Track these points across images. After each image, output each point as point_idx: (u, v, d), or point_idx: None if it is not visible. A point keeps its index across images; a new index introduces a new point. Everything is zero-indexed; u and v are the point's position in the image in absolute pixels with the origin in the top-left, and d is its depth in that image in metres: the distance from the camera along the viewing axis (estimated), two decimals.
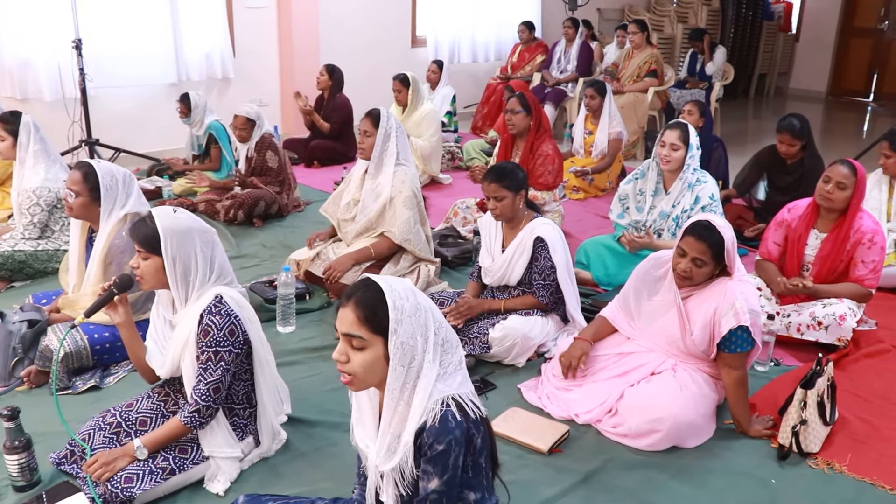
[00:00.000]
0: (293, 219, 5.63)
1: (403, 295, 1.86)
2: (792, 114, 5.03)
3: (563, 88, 8.63)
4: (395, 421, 1.90)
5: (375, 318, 1.83)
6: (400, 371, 1.85)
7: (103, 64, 6.70)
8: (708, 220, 2.87)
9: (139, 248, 2.54)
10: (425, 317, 1.88)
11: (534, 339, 3.49)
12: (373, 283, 1.89)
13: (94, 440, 2.64)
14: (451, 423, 1.84)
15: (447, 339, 1.93)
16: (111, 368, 3.39)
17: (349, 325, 1.86)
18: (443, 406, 1.85)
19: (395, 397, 1.87)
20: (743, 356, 2.90)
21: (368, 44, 8.64)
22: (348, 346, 1.88)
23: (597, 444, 2.95)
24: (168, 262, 2.49)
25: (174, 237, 2.50)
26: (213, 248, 2.60)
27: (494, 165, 3.60)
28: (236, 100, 7.51)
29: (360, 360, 1.86)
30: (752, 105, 12.19)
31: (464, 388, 1.94)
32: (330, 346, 3.66)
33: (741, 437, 3.00)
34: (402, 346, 1.83)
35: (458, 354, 1.96)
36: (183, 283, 2.53)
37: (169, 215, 2.55)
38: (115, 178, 3.34)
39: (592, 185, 6.32)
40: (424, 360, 1.87)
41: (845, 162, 3.69)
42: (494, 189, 3.45)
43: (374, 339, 1.85)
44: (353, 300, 1.87)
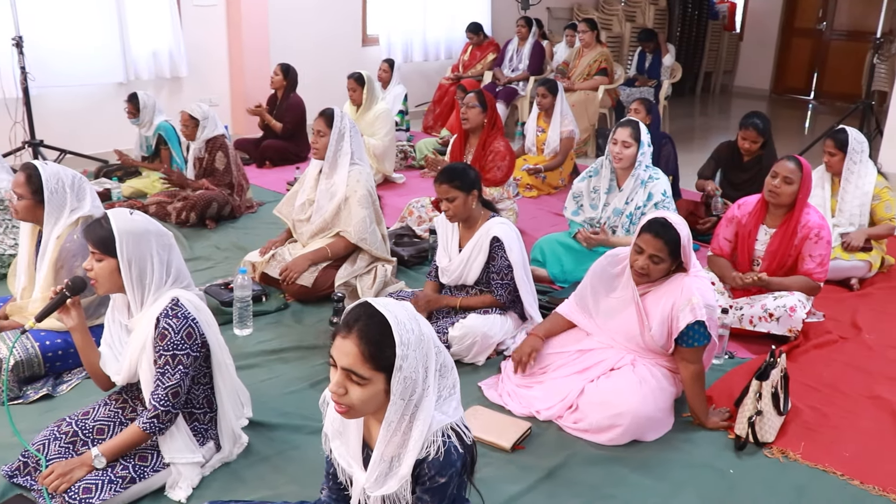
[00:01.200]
0: (246, 220, 5.56)
1: (409, 327, 1.77)
2: (754, 112, 5.13)
3: (515, 87, 8.66)
4: (389, 450, 1.86)
5: (381, 356, 1.74)
6: (400, 404, 1.79)
7: (47, 62, 6.51)
8: (664, 217, 2.92)
9: (93, 250, 2.49)
10: (427, 346, 1.81)
11: (493, 337, 3.50)
12: (376, 312, 1.77)
13: (50, 450, 2.57)
14: (454, 456, 1.83)
15: (445, 363, 1.88)
16: (64, 376, 3.31)
17: (351, 361, 1.75)
18: (445, 438, 1.82)
19: (392, 429, 1.82)
20: (699, 350, 2.95)
21: (319, 42, 8.57)
22: (347, 379, 1.77)
23: (559, 440, 2.97)
24: (123, 263, 2.45)
25: (130, 239, 2.46)
26: (169, 251, 2.56)
27: (445, 167, 3.60)
28: (186, 99, 7.37)
29: (360, 394, 1.77)
30: (699, 102, 12.39)
31: (458, 414, 1.90)
32: (288, 348, 3.64)
33: (699, 429, 3.06)
34: (404, 381, 1.76)
35: (452, 377, 1.91)
36: (139, 285, 2.49)
37: (125, 217, 2.50)
38: (62, 181, 3.25)
39: (545, 183, 6.36)
40: (426, 389, 1.81)
41: (792, 158, 3.78)
42: (445, 190, 3.46)
43: (375, 375, 1.76)
44: (355, 332, 1.75)
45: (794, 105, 12.25)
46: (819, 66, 12.41)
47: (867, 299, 4.40)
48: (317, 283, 3.99)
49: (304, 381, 3.34)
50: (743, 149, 5.11)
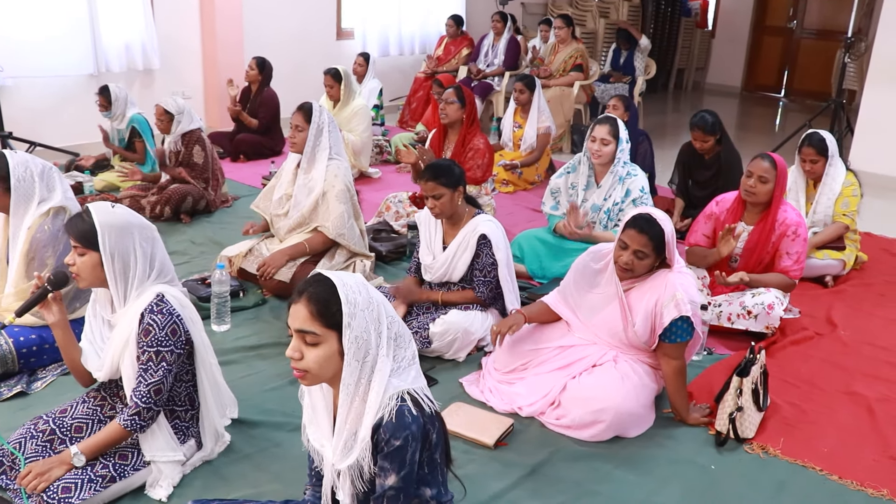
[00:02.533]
0: (221, 214, 5.50)
1: (355, 289, 1.85)
2: (703, 110, 5.18)
3: (490, 82, 8.66)
4: (350, 418, 1.88)
5: (328, 313, 1.82)
6: (355, 366, 1.83)
7: (15, 53, 6.38)
8: (649, 213, 2.93)
9: (75, 244, 2.44)
10: (378, 311, 1.87)
11: (474, 333, 3.50)
12: (324, 278, 1.87)
13: (26, 449, 2.52)
14: (408, 418, 1.83)
15: (400, 333, 1.92)
16: (38, 373, 3.26)
17: (302, 320, 1.83)
18: (398, 401, 1.84)
19: (350, 393, 1.85)
20: (682, 346, 2.97)
21: (294, 35, 8.50)
22: (301, 342, 1.86)
23: (541, 437, 2.97)
24: (106, 257, 2.41)
25: (112, 232, 2.42)
26: (153, 245, 2.52)
27: (431, 163, 3.57)
28: (159, 92, 7.30)
29: (314, 356, 1.84)
30: (672, 99, 12.49)
31: (418, 383, 1.93)
32: (267, 344, 3.60)
33: (680, 425, 3.07)
34: (356, 341, 1.82)
35: (410, 349, 1.95)
36: (122, 280, 2.45)
37: (107, 210, 2.46)
38: (30, 170, 3.18)
39: (521, 179, 6.37)
40: (378, 354, 1.86)
41: (766, 156, 3.81)
42: (432, 187, 3.43)
43: (327, 334, 1.83)
44: (304, 296, 1.85)
45: (765, 102, 12.37)
46: (790, 63, 12.55)
47: (842, 296, 4.46)
48: (295, 278, 3.95)
49: (284, 377, 3.31)
50: (697, 148, 5.16)
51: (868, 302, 4.40)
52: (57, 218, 3.21)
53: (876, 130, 7.01)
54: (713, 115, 5.04)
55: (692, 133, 5.09)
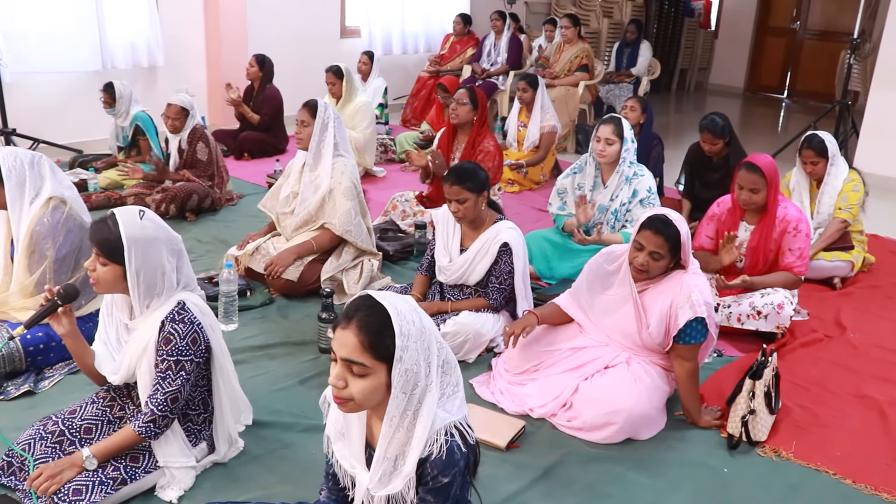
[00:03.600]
0: (226, 212, 5.48)
1: (409, 318, 1.74)
2: (713, 113, 5.14)
3: (494, 81, 8.65)
4: (392, 447, 1.82)
5: (381, 345, 1.71)
6: (402, 398, 1.75)
7: (21, 49, 6.36)
8: (664, 214, 2.91)
9: (98, 252, 2.38)
10: (429, 339, 1.78)
11: (485, 335, 3.48)
12: (376, 303, 1.75)
13: (35, 450, 2.50)
14: (457, 455, 1.79)
15: (447, 360, 1.84)
16: (45, 371, 3.23)
17: (350, 350, 1.72)
18: (448, 436, 1.79)
19: (394, 425, 1.78)
20: (696, 347, 2.95)
21: (297, 34, 8.48)
22: (347, 371, 1.74)
23: (553, 439, 2.96)
24: (131, 273, 2.35)
25: (140, 248, 2.35)
26: (179, 257, 2.49)
27: (455, 166, 3.52)
28: (163, 89, 7.28)
29: (360, 387, 1.74)
30: (675, 99, 12.47)
31: (462, 412, 1.87)
32: (275, 343, 3.59)
33: (692, 427, 3.06)
34: (405, 374, 1.73)
35: (455, 375, 1.87)
36: (147, 294, 2.40)
37: (134, 222, 2.37)
38: (19, 159, 3.14)
39: (527, 179, 6.35)
40: (428, 385, 1.77)
41: (751, 166, 3.72)
42: (457, 191, 3.38)
43: (376, 365, 1.73)
44: (355, 322, 1.72)
45: (767, 103, 12.35)
46: (793, 64, 12.52)
47: (850, 298, 4.44)
48: (302, 277, 3.94)
49: (293, 377, 3.30)
50: (705, 150, 5.13)
51: (876, 304, 4.38)
52: (56, 210, 3.17)
53: (882, 132, 7.00)
54: (723, 118, 5.01)
55: (701, 135, 5.07)
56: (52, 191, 3.19)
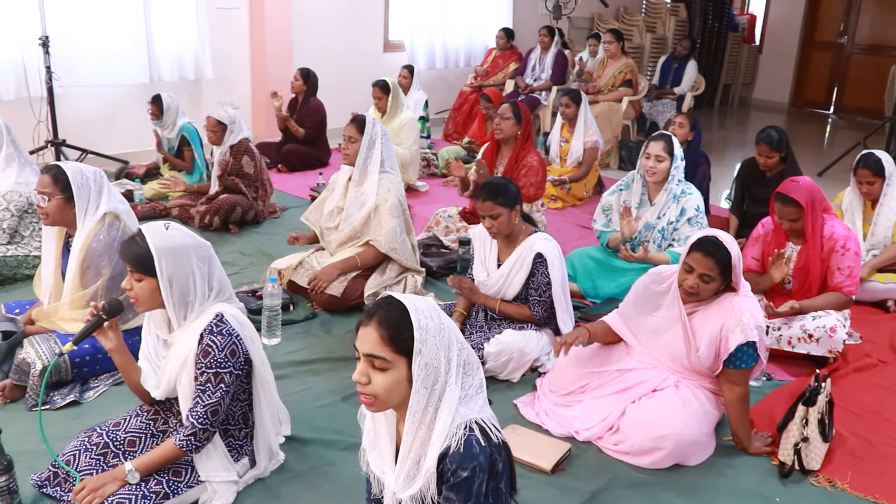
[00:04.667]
0: (270, 225, 5.51)
1: (427, 314, 1.79)
2: (770, 126, 5.04)
3: (537, 96, 8.61)
4: (415, 446, 1.83)
5: (399, 338, 1.76)
6: (423, 393, 1.78)
7: (72, 62, 6.48)
8: (715, 235, 2.84)
9: (131, 270, 2.40)
10: (448, 337, 1.81)
11: (529, 353, 3.43)
12: (396, 301, 1.81)
13: (80, 462, 2.52)
14: (475, 449, 1.77)
15: (469, 360, 1.86)
16: (91, 382, 3.26)
17: (371, 345, 1.78)
18: (466, 430, 1.79)
19: (416, 421, 1.80)
20: (746, 372, 2.88)
21: (341, 48, 8.53)
22: (370, 366, 1.79)
23: (599, 463, 2.90)
24: (164, 283, 2.36)
25: (169, 256, 2.37)
26: (209, 264, 2.48)
27: (486, 183, 3.50)
28: (208, 102, 7.37)
29: (383, 381, 1.78)
30: (718, 115, 12.31)
31: (485, 412, 1.87)
32: (318, 359, 3.58)
33: (741, 453, 2.98)
34: (425, 368, 1.76)
35: (478, 377, 1.89)
36: (181, 304, 2.41)
37: (160, 233, 2.41)
38: (86, 176, 3.20)
39: (570, 195, 6.30)
40: (447, 382, 1.80)
41: (784, 199, 3.64)
42: (489, 207, 3.36)
43: (397, 359, 1.77)
44: (375, 319, 1.79)
45: (812, 119, 12.15)
46: (839, 79, 12.31)
47: None
48: (346, 293, 3.93)
49: (335, 394, 3.28)
50: (760, 164, 5.03)
51: None
52: (112, 227, 3.21)
53: None
54: (780, 132, 4.91)
55: (757, 148, 4.96)
56: (108, 206, 3.23)
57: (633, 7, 11.82)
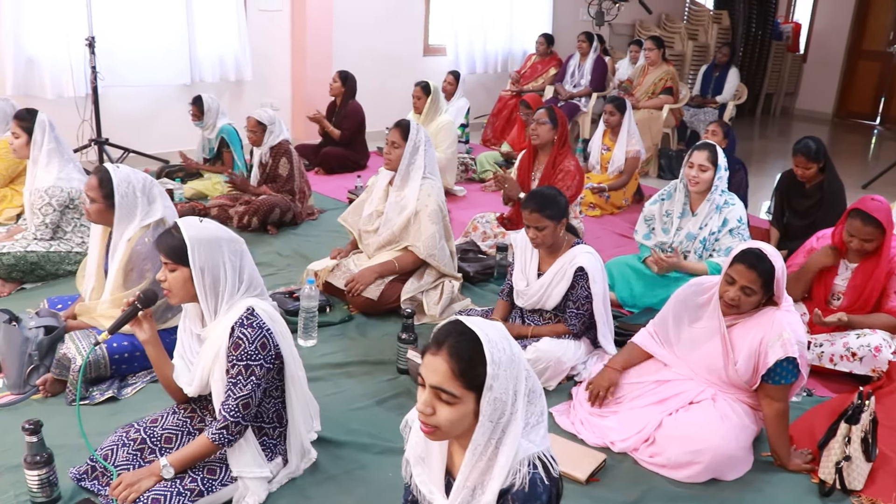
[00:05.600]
0: (307, 227, 5.54)
1: (500, 346, 1.71)
2: (807, 136, 4.95)
3: (577, 102, 8.57)
4: (473, 475, 1.77)
5: (472, 374, 1.68)
6: (488, 427, 1.71)
7: (115, 63, 6.60)
8: (759, 247, 2.80)
9: (165, 260, 2.45)
10: (518, 367, 1.74)
11: (566, 362, 3.41)
12: (468, 330, 1.71)
13: (118, 457, 2.55)
14: (540, 488, 1.73)
15: (533, 388, 1.79)
16: (128, 379, 3.30)
17: (441, 378, 1.69)
18: (531, 468, 1.73)
19: (478, 453, 1.74)
20: (786, 388, 2.83)
21: (381, 51, 8.57)
22: (436, 398, 1.71)
23: (634, 474, 2.86)
24: (196, 272, 2.41)
25: (201, 247, 2.42)
26: (241, 258, 2.52)
27: (535, 192, 3.47)
28: (248, 103, 7.44)
29: (448, 414, 1.70)
30: (759, 125, 12.16)
31: (545, 444, 1.81)
32: (353, 362, 3.58)
33: (780, 470, 2.92)
34: (494, 402, 1.69)
35: (540, 404, 1.82)
36: (212, 294, 2.45)
37: (195, 225, 2.47)
38: (132, 186, 3.23)
39: (609, 203, 6.25)
40: (514, 414, 1.73)
41: (868, 218, 3.54)
42: (536, 219, 3.33)
43: (465, 394, 1.69)
44: (445, 349, 1.70)
45: (857, 130, 11.94)
46: (887, 90, 12.08)
47: None
48: (382, 296, 3.93)
49: (370, 397, 3.28)
50: (798, 175, 4.94)
51: None
52: (157, 231, 3.24)
53: None
54: (817, 142, 4.82)
55: (794, 159, 4.88)
56: (159, 215, 3.27)
57: (676, 14, 11.73)
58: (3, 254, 4.04)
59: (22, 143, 4.24)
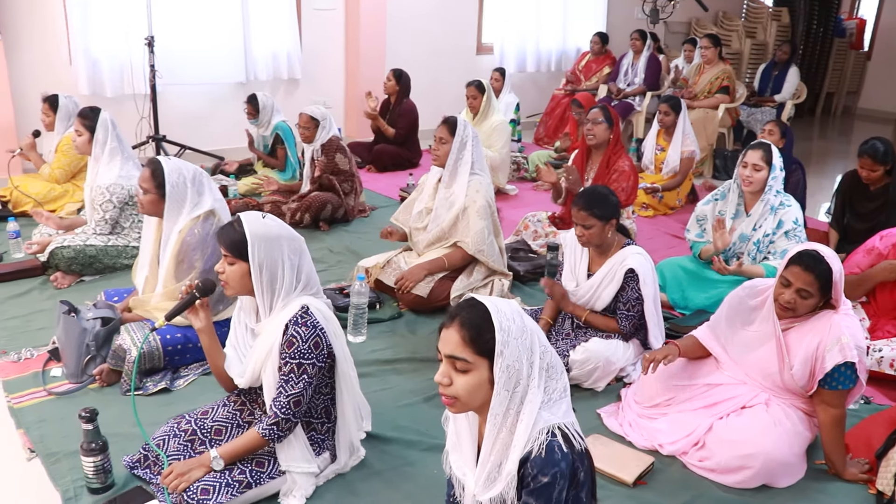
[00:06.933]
0: (359, 224, 5.58)
1: (510, 316, 1.77)
2: (874, 137, 4.81)
3: (630, 102, 8.48)
4: (496, 448, 1.81)
5: (481, 340, 1.75)
6: (504, 395, 1.75)
7: (173, 61, 6.73)
8: (816, 249, 2.72)
9: (225, 253, 2.49)
10: (531, 339, 1.79)
11: (615, 363, 3.37)
12: (478, 302, 1.80)
13: (169, 447, 2.60)
14: (557, 455, 1.74)
15: (552, 364, 1.83)
16: (181, 371, 3.36)
17: (453, 346, 1.77)
18: (548, 435, 1.76)
19: (497, 423, 1.78)
20: (843, 394, 2.75)
21: (434, 50, 8.59)
22: (451, 368, 1.79)
23: (683, 478, 2.82)
24: (254, 268, 2.44)
25: (262, 243, 2.45)
26: (300, 256, 2.54)
27: (586, 190, 3.44)
28: (301, 101, 7.52)
29: (464, 382, 1.77)
30: (819, 124, 11.88)
31: (568, 418, 1.84)
32: (402, 359, 3.60)
33: (835, 479, 2.84)
34: (507, 370, 1.74)
35: (562, 381, 1.85)
36: (269, 290, 2.47)
37: (257, 220, 2.49)
38: (183, 176, 3.31)
39: (662, 203, 6.17)
40: (529, 385, 1.77)
41: None
42: (584, 217, 3.31)
43: (478, 361, 1.76)
44: (457, 320, 1.79)
45: None
46: None
47: None
48: (432, 293, 3.94)
49: (418, 394, 3.29)
50: (862, 177, 4.80)
51: None
52: (206, 222, 3.31)
53: None
54: (886, 144, 4.68)
55: (860, 160, 4.75)
56: (208, 206, 3.33)
57: (733, 11, 11.52)
58: (64, 247, 4.16)
59: (84, 141, 4.35)
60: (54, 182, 5.24)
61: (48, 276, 4.24)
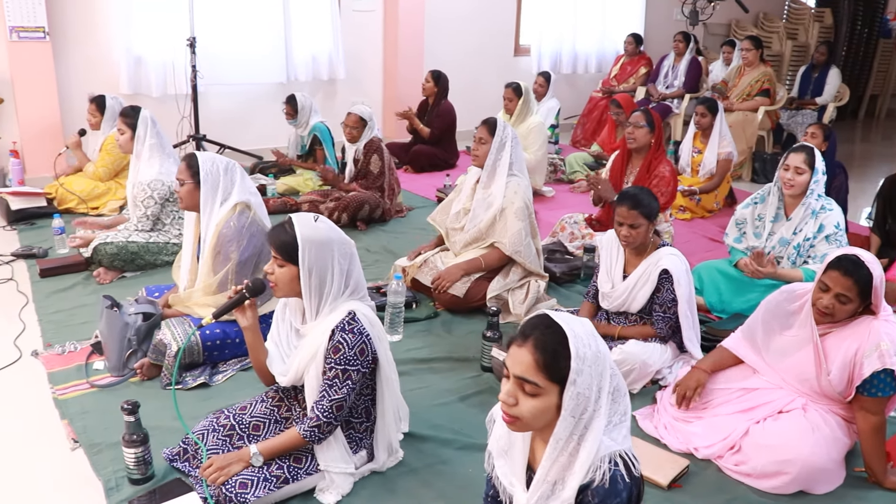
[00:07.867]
0: (396, 224, 5.62)
1: (586, 341, 1.71)
2: None
3: (669, 104, 8.42)
4: (553, 469, 1.77)
5: (556, 366, 1.68)
6: (570, 421, 1.71)
7: (214, 62, 6.84)
8: (856, 254, 2.69)
9: (275, 255, 2.50)
10: (603, 364, 1.73)
11: (652, 365, 3.36)
12: (554, 323, 1.72)
13: (208, 441, 2.64)
14: (620, 485, 1.72)
15: (618, 387, 1.78)
16: (220, 366, 3.41)
17: (524, 368, 1.70)
18: (612, 465, 1.72)
19: (559, 448, 1.74)
20: (883, 401, 2.71)
21: (472, 51, 8.61)
22: (519, 389, 1.72)
23: (718, 482, 2.80)
24: (304, 272, 2.45)
25: (313, 247, 2.45)
26: (350, 261, 2.55)
27: (631, 190, 3.43)
28: (340, 102, 7.60)
29: (531, 406, 1.71)
30: (862, 127, 11.69)
31: (627, 443, 1.80)
32: (438, 358, 3.62)
33: (875, 487, 2.80)
34: (577, 397, 1.69)
35: (624, 403, 1.80)
36: (317, 294, 2.49)
37: (309, 224, 2.49)
38: (216, 165, 3.38)
39: (699, 206, 6.12)
40: (596, 410, 1.72)
41: None
42: (633, 216, 3.30)
43: (549, 387, 1.70)
44: (531, 340, 1.71)
45: None
46: None
47: None
48: (468, 294, 3.96)
49: (454, 393, 3.31)
50: None
51: None
52: (242, 215, 3.35)
53: None
54: None
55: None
56: (239, 196, 3.38)
57: (774, 13, 11.39)
58: (107, 243, 4.25)
59: (127, 139, 4.44)
60: (98, 180, 5.36)
61: (91, 272, 4.34)
